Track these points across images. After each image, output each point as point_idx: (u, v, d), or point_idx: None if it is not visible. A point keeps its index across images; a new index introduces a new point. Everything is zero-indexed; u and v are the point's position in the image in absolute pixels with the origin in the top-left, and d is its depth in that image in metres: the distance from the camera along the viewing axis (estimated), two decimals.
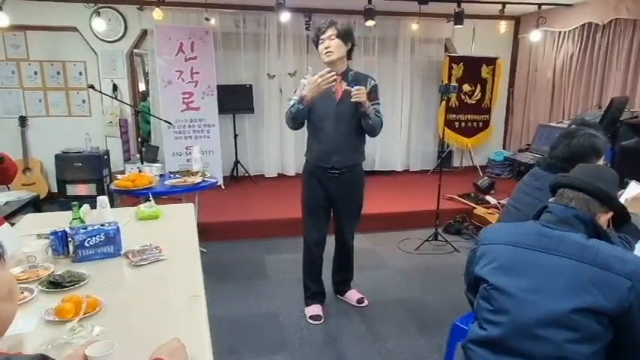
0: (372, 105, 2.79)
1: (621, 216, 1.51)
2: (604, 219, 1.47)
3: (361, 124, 2.81)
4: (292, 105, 2.81)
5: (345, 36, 2.75)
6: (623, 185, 2.40)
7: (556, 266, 1.34)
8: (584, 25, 5.58)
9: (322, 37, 2.74)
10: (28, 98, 5.64)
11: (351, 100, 2.68)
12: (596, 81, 5.46)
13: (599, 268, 1.28)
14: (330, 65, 2.77)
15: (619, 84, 5.13)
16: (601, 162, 2.03)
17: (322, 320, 3.05)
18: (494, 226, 1.67)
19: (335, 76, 2.68)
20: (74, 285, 1.68)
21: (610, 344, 1.31)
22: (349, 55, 2.83)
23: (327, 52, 2.73)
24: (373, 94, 2.82)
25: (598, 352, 1.28)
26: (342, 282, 3.32)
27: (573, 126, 2.73)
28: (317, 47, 2.81)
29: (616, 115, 4.30)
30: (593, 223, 1.43)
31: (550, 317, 1.29)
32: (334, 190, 2.92)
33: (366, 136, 2.92)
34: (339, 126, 2.79)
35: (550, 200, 1.54)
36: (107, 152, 5.51)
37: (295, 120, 2.83)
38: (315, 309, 3.12)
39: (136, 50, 6.00)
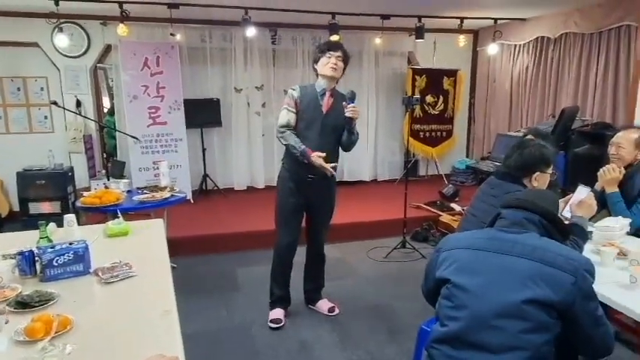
0: None
1: (563, 231, 1.65)
2: None
3: (340, 137, 3.01)
4: (294, 146, 2.91)
5: (347, 62, 3.01)
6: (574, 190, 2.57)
7: (509, 264, 1.46)
8: (537, 38, 5.89)
9: (332, 53, 2.92)
10: None
11: (347, 115, 2.89)
12: (550, 91, 5.76)
13: (547, 265, 1.41)
14: (328, 79, 2.95)
15: (571, 94, 5.43)
16: (550, 171, 2.18)
17: (283, 323, 3.14)
18: (454, 235, 1.78)
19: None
20: (43, 304, 1.67)
21: (562, 336, 1.42)
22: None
23: (333, 68, 2.91)
24: None
25: (548, 343, 1.39)
26: (313, 290, 3.38)
27: (529, 136, 2.91)
28: (318, 59, 2.96)
29: (568, 124, 4.55)
30: (542, 223, 1.57)
31: (504, 308, 1.40)
32: (311, 194, 3.05)
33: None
34: (322, 136, 2.96)
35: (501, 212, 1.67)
36: (71, 169, 5.40)
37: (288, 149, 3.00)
38: (276, 312, 3.20)
39: (99, 65, 5.93)
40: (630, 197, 2.61)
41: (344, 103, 2.91)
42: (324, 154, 2.88)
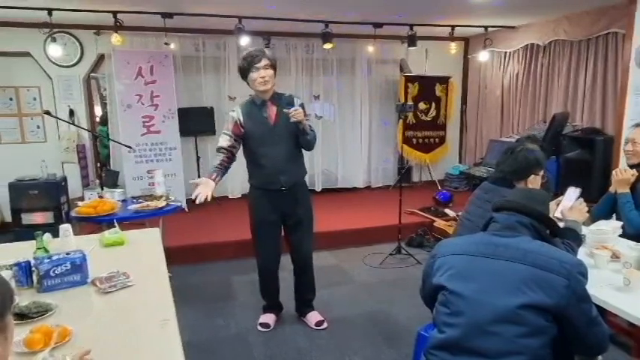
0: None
1: (553, 229, 1.68)
2: None
3: (297, 141, 2.94)
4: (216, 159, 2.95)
5: (275, 65, 2.91)
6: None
7: (503, 269, 1.48)
8: (527, 45, 5.97)
9: (257, 65, 2.80)
10: None
11: (291, 120, 2.80)
12: (541, 97, 5.84)
13: (540, 269, 1.43)
14: (262, 93, 2.89)
15: (561, 100, 5.50)
16: (541, 173, 2.22)
17: (271, 328, 3.18)
18: (448, 240, 1.80)
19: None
20: (41, 316, 1.67)
21: (557, 338, 1.44)
22: None
23: (263, 81, 2.82)
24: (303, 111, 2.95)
25: (545, 346, 1.41)
26: (302, 303, 3.33)
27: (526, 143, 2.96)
28: (247, 75, 2.86)
29: (558, 129, 4.61)
30: (533, 226, 1.60)
31: (500, 314, 1.41)
32: (286, 207, 3.01)
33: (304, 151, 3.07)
34: (279, 147, 2.91)
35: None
36: (64, 179, 5.36)
37: None
38: (265, 317, 3.23)
39: (92, 74, 5.93)
40: None
41: (284, 110, 2.80)
42: (205, 190, 2.80)
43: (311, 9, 4.87)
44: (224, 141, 2.94)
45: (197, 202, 2.74)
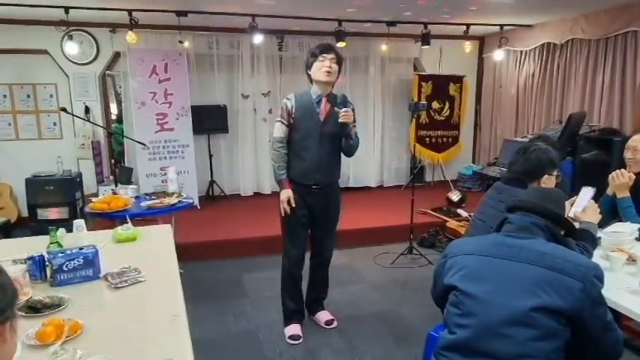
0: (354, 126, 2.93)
1: (568, 230, 1.65)
2: None
3: (341, 144, 2.93)
4: (276, 171, 2.95)
5: (341, 64, 2.93)
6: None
7: (517, 271, 1.45)
8: (543, 44, 5.89)
9: (326, 55, 2.82)
10: None
11: (339, 120, 2.80)
12: (557, 97, 5.75)
13: (555, 271, 1.40)
14: (323, 85, 2.88)
15: (577, 100, 5.41)
16: (555, 172, 2.18)
17: (301, 340, 3.07)
18: (460, 240, 1.78)
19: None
20: (54, 309, 1.68)
21: (571, 342, 1.41)
22: None
23: (327, 72, 2.82)
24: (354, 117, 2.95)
25: (557, 350, 1.39)
26: (314, 301, 3.32)
27: (538, 142, 2.91)
28: (311, 64, 2.88)
29: (575, 129, 4.54)
30: (548, 227, 1.57)
31: (512, 316, 1.39)
32: (316, 205, 2.99)
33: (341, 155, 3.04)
34: (322, 145, 2.89)
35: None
36: (79, 175, 5.44)
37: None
38: (294, 328, 3.12)
39: (107, 72, 6.00)
40: None
41: (335, 108, 2.82)
42: (291, 200, 2.87)
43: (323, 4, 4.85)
44: (282, 131, 2.92)
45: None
